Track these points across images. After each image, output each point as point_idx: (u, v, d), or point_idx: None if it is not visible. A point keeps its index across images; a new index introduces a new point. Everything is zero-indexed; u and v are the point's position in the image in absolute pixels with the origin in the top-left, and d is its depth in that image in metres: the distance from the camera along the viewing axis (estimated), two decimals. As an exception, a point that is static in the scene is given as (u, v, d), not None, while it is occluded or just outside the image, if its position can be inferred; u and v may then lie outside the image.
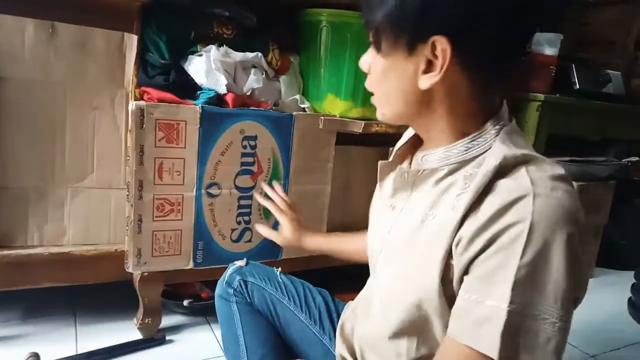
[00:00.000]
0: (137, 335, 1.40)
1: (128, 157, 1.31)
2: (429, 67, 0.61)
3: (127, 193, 1.32)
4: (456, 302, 0.61)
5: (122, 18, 1.30)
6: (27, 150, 1.28)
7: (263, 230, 1.15)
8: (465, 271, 0.60)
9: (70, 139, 1.33)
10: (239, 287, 1.01)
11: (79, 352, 1.30)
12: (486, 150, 0.64)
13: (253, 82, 1.47)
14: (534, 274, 0.56)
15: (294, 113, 1.49)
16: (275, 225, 1.52)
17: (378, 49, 0.65)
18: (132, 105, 1.27)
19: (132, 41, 1.32)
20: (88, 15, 1.26)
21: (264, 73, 1.52)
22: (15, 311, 1.48)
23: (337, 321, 0.95)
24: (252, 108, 1.43)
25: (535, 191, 0.57)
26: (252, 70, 1.49)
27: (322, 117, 1.52)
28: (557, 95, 2.20)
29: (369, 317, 0.78)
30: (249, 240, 1.50)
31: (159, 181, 1.32)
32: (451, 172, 0.66)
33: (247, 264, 1.07)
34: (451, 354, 0.61)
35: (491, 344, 0.56)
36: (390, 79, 0.66)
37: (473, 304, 0.59)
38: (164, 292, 1.45)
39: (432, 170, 0.68)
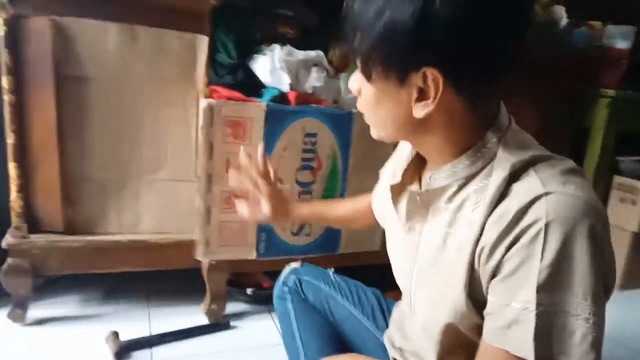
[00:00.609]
0: (203, 320, 1.49)
1: (198, 152, 1.39)
2: (422, 95, 0.60)
3: (198, 186, 1.41)
4: (486, 308, 0.61)
5: (195, 21, 1.38)
6: (108, 144, 1.40)
7: (244, 211, 1.06)
8: (492, 279, 0.61)
9: (146, 134, 1.43)
10: (294, 286, 1.06)
11: (152, 333, 1.40)
12: (492, 160, 0.63)
13: (314, 80, 1.52)
14: (559, 272, 0.56)
15: (354, 110, 1.52)
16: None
17: (368, 78, 0.64)
18: (203, 103, 1.35)
19: (203, 42, 1.40)
20: (164, 18, 1.35)
21: (325, 71, 1.56)
22: (95, 292, 1.61)
23: (389, 318, 0.97)
24: (313, 105, 1.48)
25: (547, 190, 0.57)
26: (314, 69, 1.54)
27: (382, 114, 1.54)
28: (629, 90, 2.09)
29: (408, 338, 0.80)
30: (308, 234, 1.55)
31: (226, 175, 1.40)
32: (461, 188, 0.66)
33: (301, 265, 1.10)
34: (488, 357, 0.61)
35: (525, 347, 0.57)
36: (383, 106, 0.65)
37: (501, 308, 0.59)
38: (228, 281, 1.53)
39: (442, 188, 0.67)
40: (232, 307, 1.57)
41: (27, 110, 1.30)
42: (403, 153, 0.81)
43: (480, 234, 0.61)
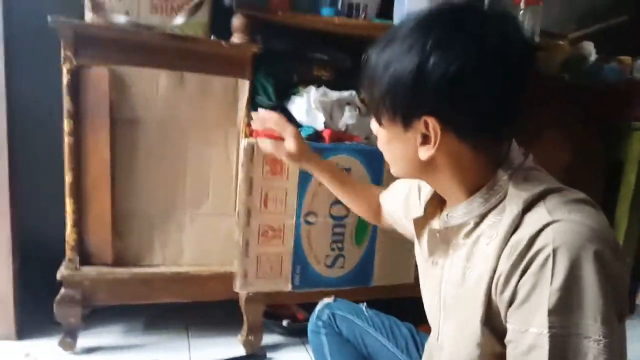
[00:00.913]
0: (240, 350, 1.53)
1: (239, 188, 1.47)
2: (425, 139, 0.67)
3: (237, 220, 1.48)
4: (507, 336, 0.65)
5: (237, 67, 1.48)
6: (156, 181, 1.49)
7: (267, 145, 1.10)
8: (509, 307, 0.64)
9: (191, 171, 1.52)
10: (328, 319, 1.09)
11: (192, 362, 1.45)
12: (504, 197, 0.67)
13: (348, 118, 1.59)
14: (568, 295, 0.59)
15: (386, 147, 1.57)
16: (367, 252, 1.61)
17: (379, 123, 0.72)
18: (245, 142, 1.44)
19: (244, 86, 1.50)
20: (210, 65, 1.46)
21: (357, 109, 1.64)
22: (137, 323, 1.68)
23: (422, 351, 0.98)
24: (346, 142, 1.55)
25: (554, 218, 0.61)
26: (347, 107, 1.61)
27: (413, 150, 1.59)
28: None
29: None
30: (342, 266, 1.59)
31: (264, 209, 1.47)
32: (477, 224, 0.70)
33: (334, 300, 1.14)
34: None
35: None
36: (393, 148, 0.72)
37: (519, 335, 0.62)
38: (264, 312, 1.58)
39: (459, 225, 0.72)
40: (268, 339, 1.61)
41: (84, 150, 1.41)
42: (427, 188, 0.85)
43: (496, 266, 0.65)
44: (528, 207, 0.65)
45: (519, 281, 0.63)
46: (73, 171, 1.40)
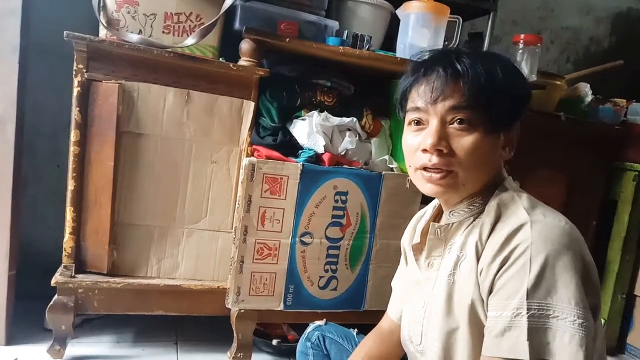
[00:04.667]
0: (229, 368, 1.53)
1: (237, 205, 1.50)
2: (508, 141, 0.83)
3: (234, 236, 1.50)
4: (486, 324, 0.73)
5: (244, 87, 1.54)
6: (156, 194, 1.52)
7: None
8: (488, 295, 0.73)
9: (191, 187, 1.55)
10: (317, 341, 1.12)
11: (179, 377, 1.45)
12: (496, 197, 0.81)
13: (347, 143, 1.63)
14: (544, 281, 0.68)
15: (383, 172, 1.61)
16: (360, 275, 1.63)
17: (483, 130, 0.80)
18: (246, 161, 1.47)
19: (249, 107, 1.55)
20: (217, 85, 1.51)
21: (358, 135, 1.68)
22: (127, 334, 1.68)
23: None
24: (345, 166, 1.58)
25: (532, 219, 0.73)
26: (347, 133, 1.66)
27: (409, 178, 1.62)
28: (657, 165, 2.12)
29: None
30: (335, 289, 1.61)
31: (261, 227, 1.49)
32: (475, 219, 0.81)
33: (326, 323, 1.17)
34: None
35: (519, 349, 0.66)
36: (488, 153, 0.81)
37: (494, 320, 0.71)
38: (255, 331, 1.58)
39: (460, 222, 0.82)
40: (257, 358, 1.61)
41: (88, 160, 1.44)
42: (414, 224, 0.98)
43: (480, 255, 0.75)
44: (508, 205, 0.77)
45: (497, 271, 0.72)
46: (76, 180, 1.43)
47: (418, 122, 0.82)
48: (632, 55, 2.54)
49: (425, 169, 0.81)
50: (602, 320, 2.10)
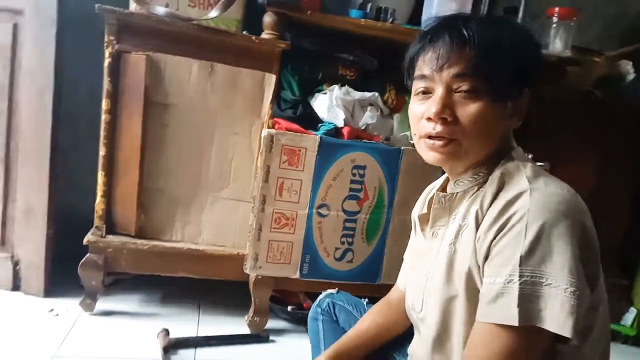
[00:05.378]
0: (246, 330, 1.60)
1: (256, 175, 1.55)
2: (516, 110, 0.81)
3: (253, 205, 1.55)
4: (481, 290, 0.73)
5: (265, 61, 1.57)
6: (182, 163, 1.59)
7: None
8: (484, 261, 0.73)
9: (214, 157, 1.61)
10: (327, 308, 1.14)
11: (199, 335, 1.53)
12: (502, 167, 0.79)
13: (368, 118, 1.64)
14: (539, 249, 0.67)
15: (402, 147, 1.61)
16: (376, 249, 1.64)
17: (492, 98, 0.78)
18: (265, 132, 1.51)
19: (271, 80, 1.58)
20: (240, 58, 1.55)
21: (379, 110, 1.68)
22: (155, 295, 1.79)
23: None
24: (364, 141, 1.59)
25: (532, 187, 0.71)
26: (369, 108, 1.66)
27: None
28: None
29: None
30: (350, 261, 1.64)
31: (279, 197, 1.54)
32: (479, 188, 0.80)
33: (337, 292, 1.19)
34: (478, 335, 0.71)
35: (510, 315, 0.66)
36: (495, 122, 0.79)
37: (489, 286, 0.71)
38: (272, 298, 1.64)
39: (465, 191, 0.82)
40: (273, 324, 1.67)
41: (118, 128, 1.53)
42: (425, 195, 0.97)
43: (480, 224, 0.75)
44: (508, 172, 0.76)
45: (495, 237, 0.71)
46: (107, 146, 1.52)
47: (425, 92, 0.82)
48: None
49: (429, 137, 0.81)
50: (635, 310, 2.02)
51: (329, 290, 1.21)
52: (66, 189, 1.77)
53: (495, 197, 0.76)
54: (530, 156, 0.86)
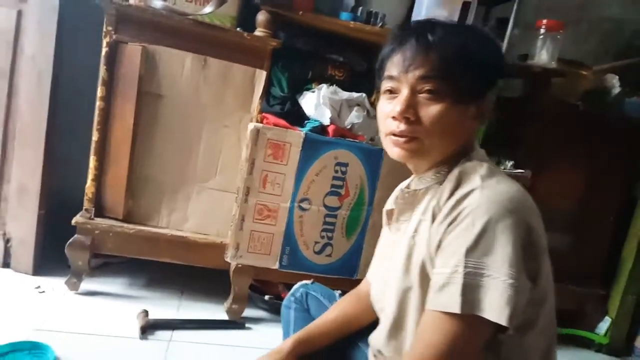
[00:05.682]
0: (224, 317, 1.65)
1: (241, 167, 1.60)
2: (480, 112, 0.85)
3: (236, 195, 1.61)
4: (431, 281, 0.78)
5: (257, 57, 1.62)
6: (171, 152, 1.64)
7: None
8: (436, 253, 0.78)
9: (204, 148, 1.66)
10: (300, 297, 1.19)
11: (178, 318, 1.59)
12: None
13: (354, 117, 1.69)
14: (483, 243, 0.72)
15: (386, 148, 1.66)
16: (355, 245, 1.69)
17: (453, 99, 0.82)
18: (251, 125, 1.57)
19: (261, 76, 1.64)
20: (232, 53, 1.61)
21: (366, 111, 1.73)
22: (139, 279, 1.84)
23: None
24: (348, 139, 1.64)
25: (483, 185, 0.76)
26: (355, 108, 1.72)
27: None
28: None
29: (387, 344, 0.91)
30: (330, 255, 1.69)
31: (262, 190, 1.59)
32: (440, 185, 0.84)
33: (312, 282, 1.24)
34: (425, 322, 0.76)
35: (453, 303, 0.71)
36: (458, 122, 0.84)
37: (437, 276, 0.75)
38: (253, 287, 1.69)
39: (427, 188, 0.87)
40: (252, 312, 1.72)
41: (112, 115, 1.59)
42: (394, 194, 1.03)
43: (434, 220, 0.80)
44: (465, 172, 0.81)
45: (444, 232, 0.77)
46: (100, 132, 1.58)
47: (392, 91, 0.87)
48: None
49: (394, 134, 0.86)
50: (609, 319, 2.06)
51: (305, 281, 1.25)
52: (62, 171, 1.83)
53: (452, 193, 0.80)
54: (510, 163, 0.91)
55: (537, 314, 0.79)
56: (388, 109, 0.86)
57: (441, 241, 0.77)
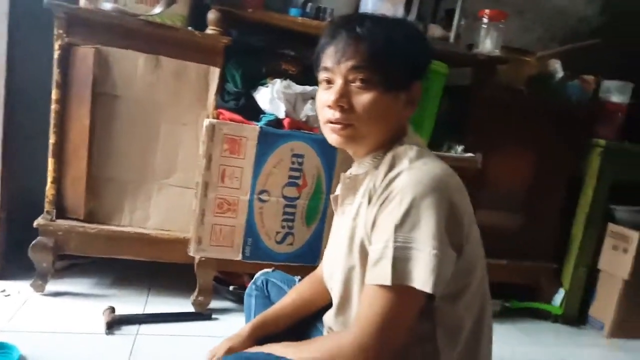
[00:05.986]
0: (190, 309, 1.69)
1: (199, 163, 1.64)
2: (410, 100, 0.92)
3: (196, 191, 1.65)
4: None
5: (210, 55, 1.66)
6: (129, 151, 1.67)
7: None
8: (371, 231, 0.84)
9: (162, 146, 1.70)
10: (261, 284, 1.25)
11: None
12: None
13: (308, 110, 1.75)
14: (410, 219, 0.79)
15: (340, 138, 1.72)
16: (315, 233, 1.75)
17: (383, 87, 0.88)
18: (207, 121, 1.61)
19: (215, 73, 1.68)
20: (185, 52, 1.64)
21: (321, 104, 1.79)
22: (106, 278, 1.87)
23: None
24: (302, 131, 1.70)
25: (411, 166, 0.84)
26: (310, 101, 1.77)
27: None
28: (626, 142, 2.16)
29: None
30: (291, 244, 1.74)
31: (221, 184, 1.63)
32: (377, 168, 0.89)
33: (273, 270, 1.29)
34: (364, 296, 0.83)
35: (384, 276, 0.78)
36: (389, 110, 0.89)
37: (372, 253, 0.82)
38: (217, 279, 1.74)
39: (366, 172, 0.92)
40: (219, 304, 1.77)
41: (67, 117, 1.61)
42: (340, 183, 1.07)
43: (371, 199, 0.87)
44: (400, 157, 0.87)
45: (377, 211, 0.84)
46: (57, 135, 1.60)
47: (328, 82, 0.93)
48: (625, 34, 2.51)
49: (330, 122, 0.92)
50: (563, 291, 2.18)
51: (266, 270, 1.31)
52: (23, 175, 1.83)
53: (385, 176, 0.87)
54: (461, 148, 0.96)
55: (468, 282, 0.87)
56: (325, 98, 0.92)
57: (375, 220, 0.84)
